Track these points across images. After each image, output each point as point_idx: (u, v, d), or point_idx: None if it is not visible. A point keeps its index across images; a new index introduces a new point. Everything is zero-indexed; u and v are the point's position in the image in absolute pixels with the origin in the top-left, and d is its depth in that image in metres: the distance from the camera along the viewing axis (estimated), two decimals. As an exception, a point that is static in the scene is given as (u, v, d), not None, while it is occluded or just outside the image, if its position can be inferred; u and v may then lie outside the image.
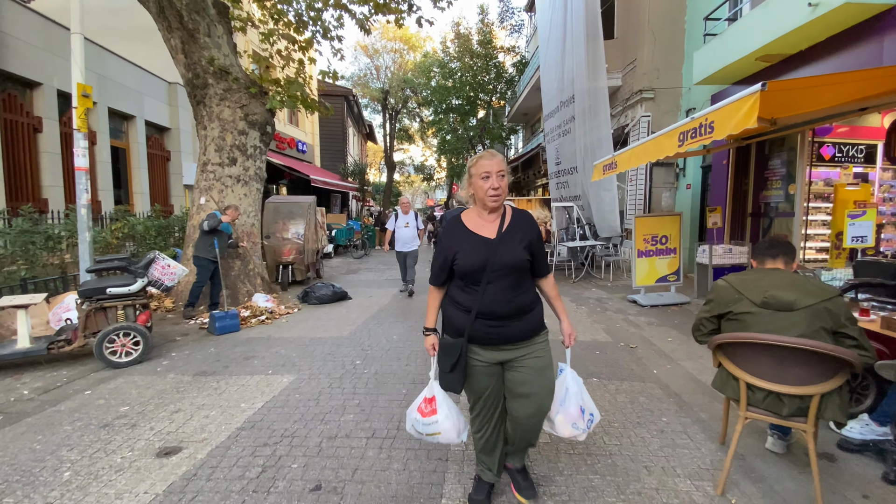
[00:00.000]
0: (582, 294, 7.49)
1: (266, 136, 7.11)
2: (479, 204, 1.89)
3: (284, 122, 16.58)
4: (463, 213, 1.99)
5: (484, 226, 1.89)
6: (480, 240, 1.85)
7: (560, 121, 11.74)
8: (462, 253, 1.84)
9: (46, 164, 7.70)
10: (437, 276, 1.96)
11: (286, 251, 7.82)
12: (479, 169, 1.83)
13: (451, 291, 1.93)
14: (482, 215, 1.91)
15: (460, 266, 1.83)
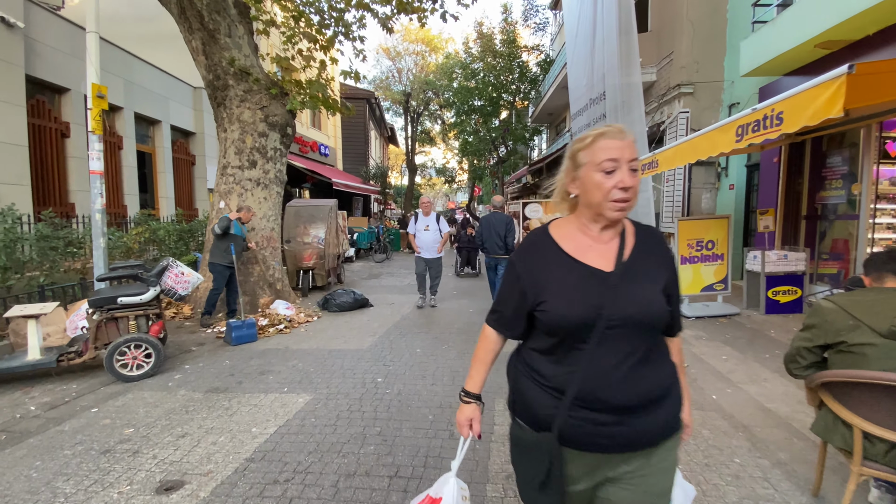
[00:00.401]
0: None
1: (286, 138, 6.92)
2: (589, 212, 1.13)
3: (307, 126, 16.59)
4: (551, 224, 1.24)
5: (593, 249, 1.14)
6: (588, 273, 1.11)
7: (589, 119, 11.21)
8: (555, 293, 1.10)
9: (74, 169, 7.74)
10: (506, 319, 1.23)
11: (307, 256, 7.62)
12: (597, 153, 1.08)
13: (529, 355, 1.20)
14: (588, 230, 1.15)
15: (551, 316, 1.09)
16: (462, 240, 10.44)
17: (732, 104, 8.39)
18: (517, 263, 1.20)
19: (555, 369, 1.11)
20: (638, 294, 1.08)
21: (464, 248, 10.35)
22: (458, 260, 10.58)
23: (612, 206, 1.06)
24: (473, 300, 7.30)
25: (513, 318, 1.21)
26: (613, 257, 1.11)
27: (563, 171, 1.18)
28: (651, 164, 5.91)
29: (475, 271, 10.40)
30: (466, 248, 10.28)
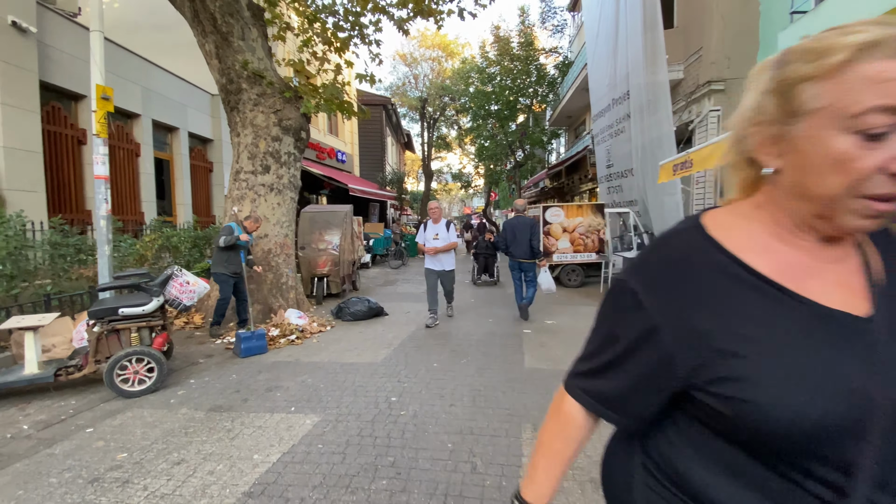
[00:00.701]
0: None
1: (300, 143, 6.75)
2: (802, 208, 0.60)
3: (324, 132, 16.58)
4: (707, 218, 0.70)
5: (815, 271, 0.61)
6: (825, 320, 0.57)
7: (611, 120, 10.81)
8: (764, 364, 0.56)
9: (90, 176, 7.73)
10: (615, 396, 0.70)
11: (321, 263, 7.41)
12: (861, 91, 0.51)
13: (677, 463, 0.66)
14: (796, 238, 0.62)
15: (762, 411, 0.55)
16: (480, 246, 9.95)
17: (768, 101, 7.88)
18: (646, 297, 0.64)
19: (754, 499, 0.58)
20: None
21: (481, 254, 9.83)
22: (474, 267, 10.07)
23: (866, 207, 0.53)
24: (492, 309, 6.97)
25: (632, 395, 0.68)
26: (861, 288, 0.60)
27: (748, 113, 0.65)
28: (684, 165, 5.51)
29: (493, 279, 9.91)
30: (484, 254, 9.77)
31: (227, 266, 5.11)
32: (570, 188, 18.79)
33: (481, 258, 9.83)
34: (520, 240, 5.94)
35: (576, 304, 7.28)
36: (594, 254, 9.12)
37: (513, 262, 6.13)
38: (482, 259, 9.81)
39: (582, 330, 5.51)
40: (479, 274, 9.90)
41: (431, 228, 5.93)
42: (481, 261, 9.85)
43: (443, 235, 5.83)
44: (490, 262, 9.81)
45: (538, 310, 6.75)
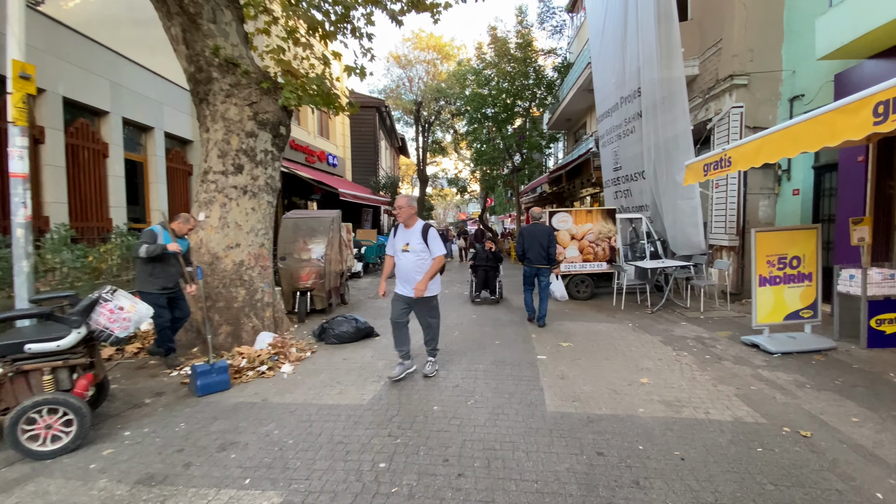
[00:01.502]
0: (672, 331, 5.81)
1: (279, 139, 5.97)
2: None
3: (314, 135, 15.81)
4: None
5: None
6: None
7: (620, 120, 10.14)
8: None
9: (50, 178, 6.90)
10: None
11: (304, 275, 6.60)
12: None
13: None
14: None
15: None
16: (479, 257, 8.58)
17: (795, 97, 7.24)
18: None
19: None
20: None
21: (480, 266, 8.36)
22: (473, 281, 8.50)
23: None
24: (498, 329, 6.18)
25: None
26: None
27: None
28: (720, 163, 4.78)
29: (495, 297, 8.31)
30: (484, 266, 8.32)
31: (153, 281, 4.23)
32: (571, 193, 18.13)
33: (480, 271, 8.38)
34: (537, 246, 6.10)
35: (588, 320, 6.52)
36: (605, 263, 8.38)
37: (529, 268, 6.28)
38: (482, 272, 8.35)
39: (603, 353, 4.74)
40: (478, 290, 8.36)
41: (402, 235, 4.05)
42: (480, 274, 8.35)
43: (416, 246, 3.91)
44: (491, 277, 8.31)
45: (549, 329, 5.98)
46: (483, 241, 8.95)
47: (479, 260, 8.52)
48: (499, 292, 8.36)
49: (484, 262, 8.38)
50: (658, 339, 5.45)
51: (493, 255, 8.44)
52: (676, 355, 4.76)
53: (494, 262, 8.38)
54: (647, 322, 6.36)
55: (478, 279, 8.38)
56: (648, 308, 7.23)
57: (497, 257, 8.44)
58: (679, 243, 8.27)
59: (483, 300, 8.37)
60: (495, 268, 8.39)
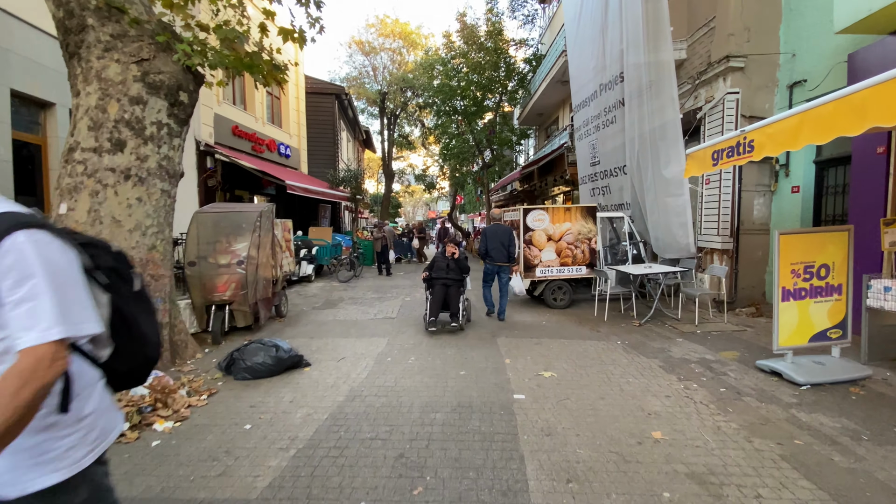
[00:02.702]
0: (670, 351, 4.85)
1: (180, 109, 4.58)
2: None
3: (263, 122, 14.19)
4: None
5: None
6: None
7: (598, 109, 9.24)
8: None
9: None
10: None
11: (221, 285, 5.24)
12: None
13: None
14: None
15: None
16: (436, 266, 6.11)
17: (794, 83, 6.49)
18: None
19: None
20: None
21: (438, 280, 5.93)
22: (428, 300, 5.93)
23: None
24: (462, 353, 5.04)
25: None
26: None
27: None
28: (737, 149, 3.83)
29: (457, 323, 5.67)
30: (443, 280, 5.92)
31: None
32: (543, 191, 17.30)
33: (438, 286, 5.85)
34: (499, 245, 6.48)
35: (570, 336, 5.49)
36: (584, 267, 7.42)
37: (491, 266, 6.60)
38: (439, 288, 5.84)
39: (596, 388, 3.68)
40: (433, 312, 5.68)
41: None
42: (438, 291, 5.82)
43: None
44: (453, 294, 5.80)
45: (526, 348, 4.89)
46: (445, 241, 6.66)
47: (436, 270, 6.04)
48: (463, 315, 5.90)
49: (444, 275, 5.95)
50: (656, 362, 4.46)
51: (457, 263, 6.09)
52: (685, 389, 3.77)
53: (458, 275, 6.02)
54: (638, 338, 5.40)
55: (434, 297, 5.77)
56: (635, 319, 6.30)
57: (462, 266, 6.11)
58: (664, 245, 7.42)
59: (443, 328, 5.73)
60: (459, 281, 5.99)
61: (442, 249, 6.19)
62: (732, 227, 6.76)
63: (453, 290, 5.87)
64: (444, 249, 6.24)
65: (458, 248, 6.29)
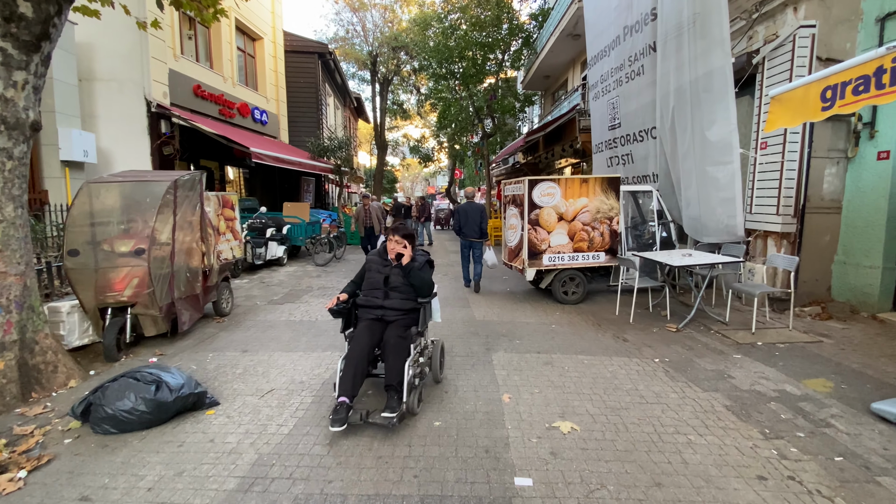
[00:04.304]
0: (731, 376, 3.46)
1: (21, 27, 3.07)
2: None
3: (233, 82, 12.50)
4: None
5: None
6: None
7: (621, 59, 7.60)
8: None
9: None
10: None
11: (116, 281, 3.85)
12: None
13: None
14: None
15: None
16: (371, 280, 3.12)
17: (888, 14, 4.90)
18: None
19: None
20: None
21: (367, 313, 3.04)
22: (344, 358, 2.83)
23: None
24: (437, 392, 3.67)
25: None
26: None
27: None
28: (880, 77, 2.35)
29: (395, 415, 2.59)
30: (376, 313, 3.01)
31: None
32: (549, 164, 15.66)
33: (363, 327, 2.96)
34: (471, 222, 6.75)
35: (588, 349, 4.11)
36: (603, 253, 6.00)
37: (464, 241, 6.93)
38: (364, 332, 2.91)
39: (642, 461, 2.29)
40: (345, 389, 2.65)
41: None
42: (362, 337, 2.88)
43: None
44: (394, 344, 2.82)
45: (534, 376, 3.52)
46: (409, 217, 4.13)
47: (364, 290, 3.14)
48: (415, 391, 2.84)
49: (377, 300, 3.03)
50: (719, 399, 3.09)
51: (406, 272, 3.04)
52: (780, 459, 2.41)
53: (405, 298, 3.04)
54: (680, 352, 4.03)
55: (351, 352, 2.80)
56: (670, 323, 4.91)
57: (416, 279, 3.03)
58: (702, 227, 5.97)
59: (361, 418, 2.62)
60: (406, 315, 3.01)
61: (382, 246, 3.21)
62: (797, 203, 5.28)
63: (395, 332, 2.85)
64: (386, 243, 3.16)
65: (410, 243, 3.08)
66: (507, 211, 6.59)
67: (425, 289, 3.04)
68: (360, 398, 3.11)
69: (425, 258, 3.20)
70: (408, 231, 3.11)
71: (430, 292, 3.09)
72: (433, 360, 3.25)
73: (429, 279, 3.10)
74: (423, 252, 3.26)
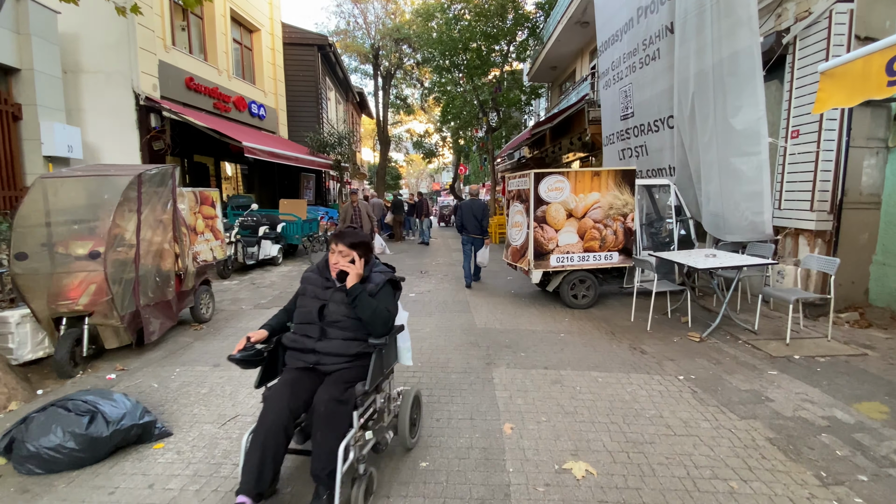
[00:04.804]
0: (769, 398, 2.96)
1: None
2: None
3: (229, 75, 12.10)
4: None
5: None
6: None
7: (634, 43, 7.07)
8: None
9: None
10: None
11: (71, 288, 3.43)
12: None
13: None
14: None
15: None
16: (298, 312, 2.20)
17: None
18: None
19: None
20: None
21: (293, 360, 2.12)
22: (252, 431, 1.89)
23: None
24: (427, 418, 3.22)
25: None
26: None
27: None
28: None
29: None
30: (306, 357, 2.09)
31: None
32: (555, 158, 15.11)
33: (280, 384, 2.03)
34: (472, 219, 6.78)
35: (605, 365, 3.64)
36: (616, 253, 5.51)
37: (466, 237, 6.92)
38: (281, 389, 1.99)
39: None
40: (249, 479, 1.78)
41: None
42: (280, 392, 1.97)
43: None
44: (328, 410, 1.87)
45: (540, 398, 3.05)
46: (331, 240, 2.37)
47: (296, 324, 2.21)
48: (362, 478, 1.91)
49: (308, 340, 2.10)
50: (759, 429, 2.62)
51: (348, 294, 2.08)
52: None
53: (352, 333, 2.09)
54: (707, 367, 3.55)
55: (266, 419, 1.87)
56: (693, 331, 4.42)
57: (367, 306, 2.05)
58: (724, 224, 5.46)
59: None
60: (352, 367, 2.06)
61: (324, 259, 2.30)
62: (834, 198, 4.75)
63: (328, 393, 1.92)
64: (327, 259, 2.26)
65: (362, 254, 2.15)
66: (512, 207, 6.11)
67: (378, 323, 2.02)
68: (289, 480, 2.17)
69: (385, 277, 2.19)
70: (358, 238, 2.16)
71: (386, 329, 2.05)
72: (401, 419, 2.32)
73: (384, 309, 2.06)
74: (384, 267, 2.29)
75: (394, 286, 2.26)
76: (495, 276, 7.73)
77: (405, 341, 2.35)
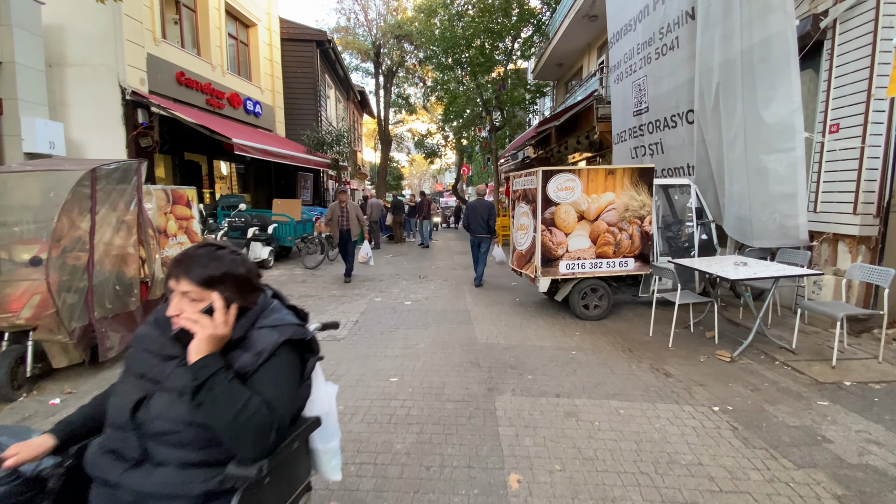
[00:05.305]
0: (826, 438, 2.46)
1: None
2: None
3: (223, 71, 11.67)
4: None
5: None
6: None
7: (649, 33, 6.57)
8: None
9: None
10: None
11: (12, 300, 2.98)
12: None
13: None
14: None
15: None
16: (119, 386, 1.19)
17: None
18: None
19: None
20: None
21: (95, 474, 1.09)
22: None
23: None
24: (415, 470, 2.73)
25: None
26: None
27: None
28: None
29: None
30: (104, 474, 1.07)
31: None
32: (561, 158, 14.61)
33: None
34: (479, 219, 6.88)
35: (625, 393, 3.15)
36: (632, 260, 5.01)
37: (473, 237, 7.04)
38: None
39: None
40: None
41: None
42: None
43: None
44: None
45: (551, 437, 2.56)
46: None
47: (109, 435, 1.14)
48: None
49: (112, 476, 1.06)
50: (823, 482, 2.12)
51: (193, 375, 1.05)
52: None
53: (190, 468, 1.06)
54: (744, 394, 3.05)
55: None
56: (721, 349, 3.92)
57: (220, 402, 1.02)
58: (751, 228, 4.96)
59: None
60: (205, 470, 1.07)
61: (162, 309, 1.19)
62: (881, 200, 4.24)
63: None
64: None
65: (232, 293, 1.14)
66: (517, 208, 5.62)
67: (245, 436, 1.03)
68: None
69: (279, 336, 1.15)
70: (219, 268, 1.13)
71: (263, 447, 1.05)
72: None
73: (260, 408, 1.05)
74: (286, 315, 1.25)
75: (299, 351, 1.22)
76: (500, 281, 7.25)
77: (329, 440, 1.33)
